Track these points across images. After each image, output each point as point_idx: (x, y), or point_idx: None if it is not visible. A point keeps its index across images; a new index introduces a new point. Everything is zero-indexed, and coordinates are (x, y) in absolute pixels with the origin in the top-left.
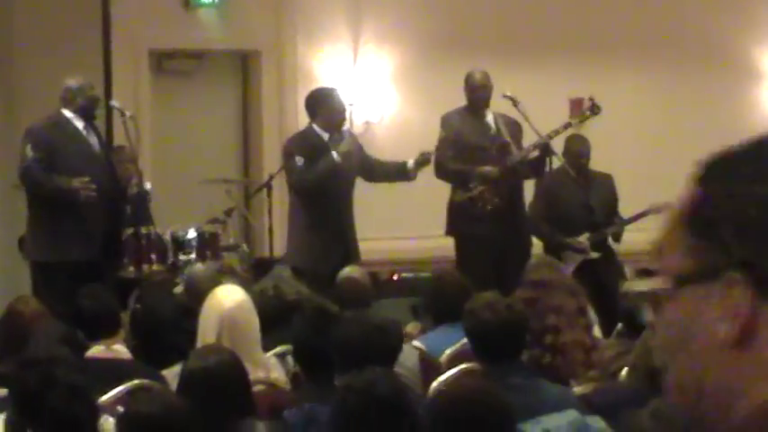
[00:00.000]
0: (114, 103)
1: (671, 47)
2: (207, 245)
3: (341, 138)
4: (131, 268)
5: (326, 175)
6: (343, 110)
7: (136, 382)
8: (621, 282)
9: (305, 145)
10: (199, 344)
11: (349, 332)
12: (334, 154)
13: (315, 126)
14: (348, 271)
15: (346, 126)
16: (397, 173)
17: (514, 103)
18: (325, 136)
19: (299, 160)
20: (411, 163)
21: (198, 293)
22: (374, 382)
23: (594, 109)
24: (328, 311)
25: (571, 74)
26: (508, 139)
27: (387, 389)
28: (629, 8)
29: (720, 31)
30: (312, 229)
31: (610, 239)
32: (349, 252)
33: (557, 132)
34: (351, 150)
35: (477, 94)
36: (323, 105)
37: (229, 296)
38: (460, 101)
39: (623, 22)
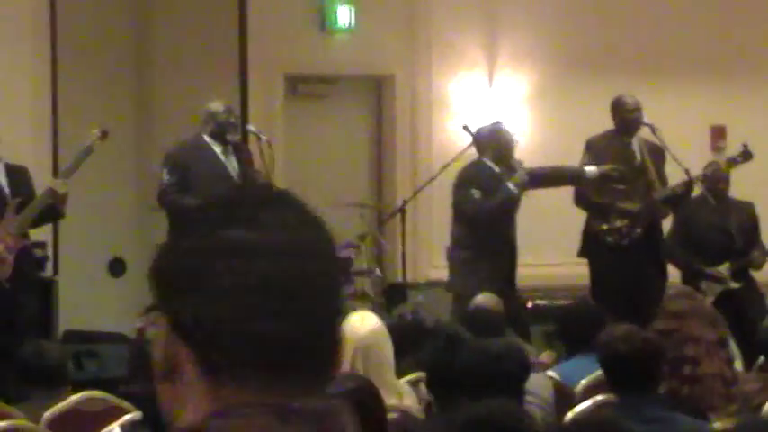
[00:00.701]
0: (251, 127)
1: None
2: (340, 269)
3: (513, 169)
4: None
5: (505, 206)
6: (513, 144)
7: None
8: (764, 313)
9: (479, 178)
10: None
11: (471, 360)
12: (510, 185)
13: (485, 160)
14: (481, 299)
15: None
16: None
17: (653, 130)
18: (497, 169)
19: (476, 192)
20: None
21: None
22: (497, 416)
23: (747, 156)
24: (461, 339)
25: (711, 99)
26: (651, 169)
27: (507, 421)
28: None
29: None
30: (478, 257)
31: (751, 269)
32: (512, 280)
33: (704, 176)
34: (523, 181)
35: (630, 117)
36: (493, 140)
37: (363, 323)
38: (598, 124)
39: (763, 43)
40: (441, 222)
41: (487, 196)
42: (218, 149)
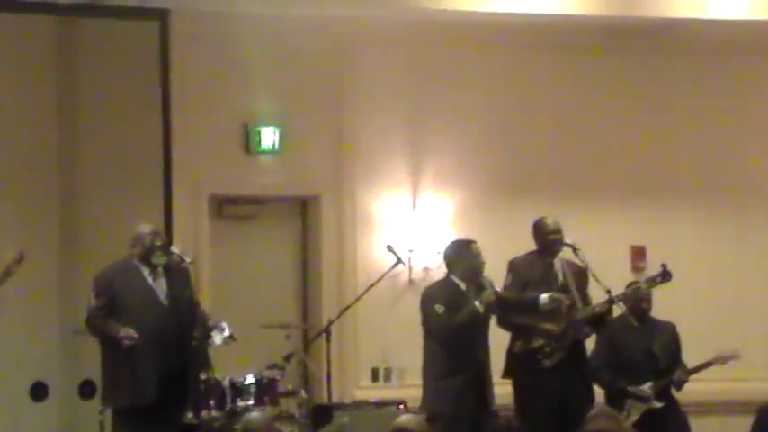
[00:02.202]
0: (174, 248)
1: (733, 193)
2: (265, 391)
3: (482, 287)
4: (189, 414)
5: (469, 322)
6: (481, 261)
7: None
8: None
9: (446, 294)
10: None
11: None
12: (476, 302)
13: (453, 277)
14: (403, 420)
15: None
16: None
17: (574, 250)
18: (463, 286)
19: (440, 308)
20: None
21: None
22: None
23: (666, 275)
24: None
25: (631, 219)
26: (573, 290)
27: None
28: (689, 154)
29: None
30: (450, 374)
31: (674, 389)
32: (485, 397)
33: (625, 295)
34: (490, 300)
35: (551, 239)
36: (462, 258)
37: None
38: (520, 244)
39: (684, 168)
40: (366, 343)
41: (452, 312)
42: (145, 272)
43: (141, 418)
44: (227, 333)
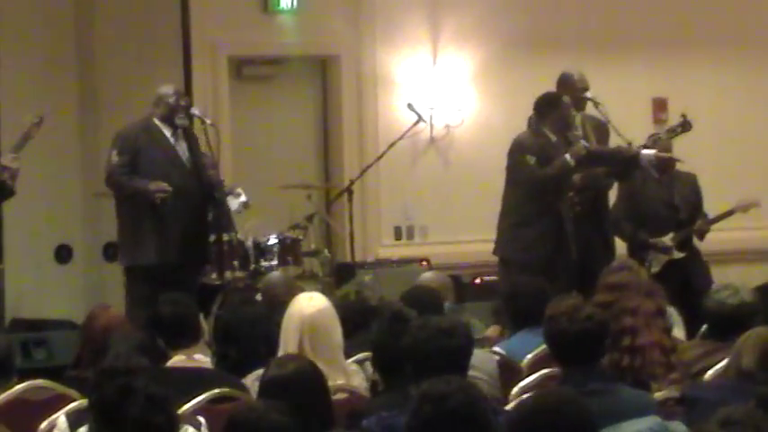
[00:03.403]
0: (195, 110)
1: (753, 42)
2: (288, 251)
3: (570, 142)
4: (214, 275)
5: (560, 175)
6: (573, 114)
7: (216, 391)
8: (708, 282)
9: (537, 145)
10: (281, 350)
11: (416, 338)
12: (568, 156)
13: (543, 129)
14: (425, 277)
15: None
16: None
17: (596, 104)
18: (553, 138)
19: (531, 159)
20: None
21: (275, 301)
22: (448, 393)
23: (686, 125)
24: (405, 317)
25: (653, 72)
26: (592, 142)
27: (461, 399)
28: (709, 3)
29: None
30: (526, 224)
31: (695, 239)
32: (562, 247)
33: (645, 147)
34: (581, 154)
35: (577, 93)
36: (553, 110)
37: (311, 303)
38: None
39: (704, 18)
40: (388, 201)
41: (542, 164)
42: (167, 133)
43: (161, 276)
44: (243, 199)
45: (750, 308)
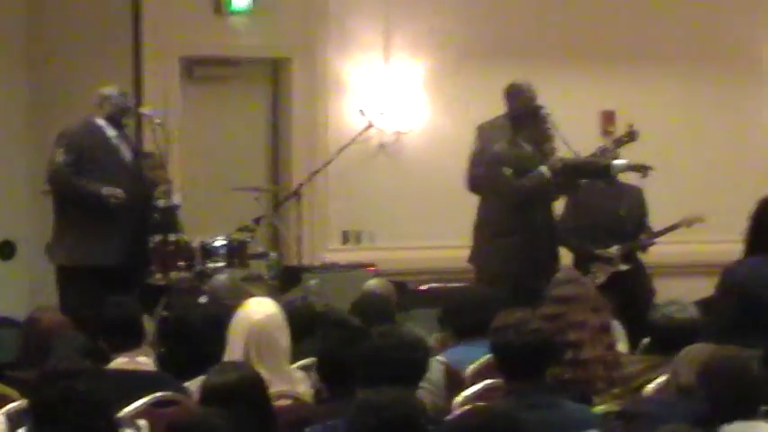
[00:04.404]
0: (144, 110)
1: (701, 56)
2: (235, 253)
3: (545, 153)
4: (159, 275)
5: (537, 187)
6: (549, 126)
7: (158, 394)
8: (651, 294)
9: (513, 157)
10: (227, 354)
11: (377, 348)
12: (544, 168)
13: (519, 140)
14: (372, 284)
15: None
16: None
17: (545, 115)
18: (529, 149)
19: (507, 171)
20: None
21: (221, 303)
22: (387, 403)
23: (632, 136)
24: (351, 326)
25: (601, 85)
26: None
27: (399, 410)
28: (658, 17)
29: (750, 39)
30: (504, 234)
31: (639, 252)
32: (539, 260)
33: (594, 156)
34: (557, 167)
35: (525, 103)
36: (530, 121)
37: (259, 309)
38: (492, 109)
39: (653, 31)
40: (336, 206)
41: (519, 176)
42: (111, 133)
43: (104, 277)
44: (175, 202)
45: (695, 324)
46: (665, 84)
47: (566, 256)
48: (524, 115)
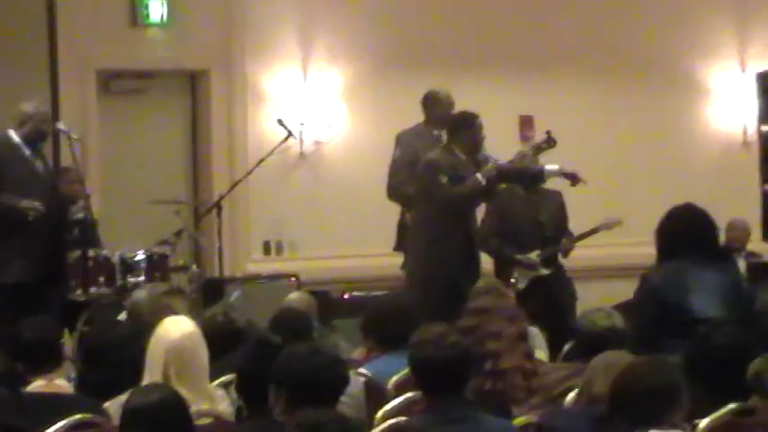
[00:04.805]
0: (61, 125)
1: (617, 62)
2: (156, 266)
3: (485, 159)
4: (79, 291)
5: (473, 194)
6: (483, 136)
7: (77, 417)
8: (572, 299)
9: (448, 164)
10: (146, 374)
11: (296, 365)
12: (479, 175)
13: (454, 147)
14: (291, 299)
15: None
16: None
17: None
18: (464, 157)
19: (444, 178)
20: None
21: (141, 321)
22: (323, 423)
23: (550, 142)
24: (270, 343)
25: (519, 90)
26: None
27: (334, 430)
28: (575, 24)
29: (665, 46)
30: (441, 240)
31: (560, 256)
32: (474, 262)
33: (512, 162)
34: (491, 174)
35: (444, 111)
36: (464, 130)
37: (177, 327)
38: (411, 118)
39: (570, 38)
40: (257, 217)
41: (454, 183)
42: (27, 150)
43: (22, 295)
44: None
45: (619, 333)
46: (581, 88)
47: (487, 262)
48: (459, 123)
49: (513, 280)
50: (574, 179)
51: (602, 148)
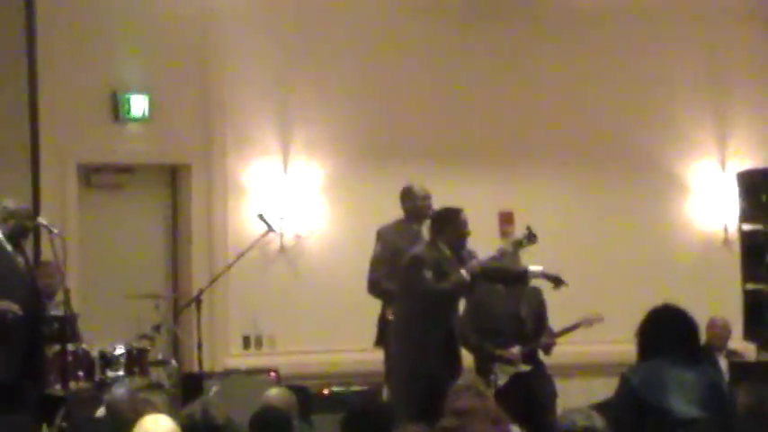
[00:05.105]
0: (42, 220)
1: (598, 159)
2: (135, 361)
3: (468, 256)
4: (58, 386)
5: (456, 290)
6: (468, 231)
7: None
8: (552, 396)
9: (432, 260)
10: None
11: None
12: (464, 272)
13: (439, 243)
14: (271, 396)
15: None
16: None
17: None
18: (448, 253)
19: (428, 273)
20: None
21: (119, 418)
22: None
23: (531, 238)
24: None
25: (499, 186)
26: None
27: None
28: (555, 120)
29: (645, 144)
30: (425, 334)
31: (541, 353)
32: (455, 358)
33: (493, 259)
34: (475, 271)
35: (419, 205)
36: (449, 225)
37: (156, 426)
38: (390, 212)
39: (549, 135)
40: (237, 311)
41: (438, 279)
42: (8, 246)
43: (2, 391)
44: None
45: None
46: (562, 184)
47: (467, 357)
48: (443, 219)
49: (493, 376)
50: (556, 282)
51: (582, 244)
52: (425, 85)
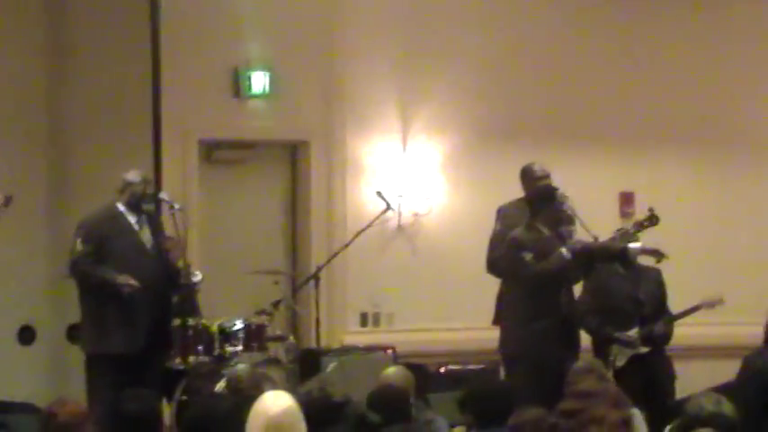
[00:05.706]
0: (163, 195)
1: (721, 138)
2: (253, 336)
3: (562, 236)
4: (178, 359)
5: (559, 270)
6: (564, 210)
7: None
8: (671, 378)
9: (531, 241)
10: None
11: None
12: (564, 250)
13: (537, 223)
14: (390, 374)
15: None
16: None
17: (563, 198)
18: (547, 232)
19: (528, 255)
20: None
21: (241, 394)
22: None
23: (653, 219)
24: (371, 423)
25: (620, 166)
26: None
27: None
28: (678, 101)
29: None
30: (534, 318)
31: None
32: (570, 340)
33: (614, 240)
34: (575, 249)
35: (539, 185)
36: (547, 204)
37: (276, 402)
38: (509, 191)
39: (671, 114)
40: (355, 288)
41: (539, 260)
42: (132, 219)
43: (127, 364)
44: (195, 279)
45: (727, 421)
46: (683, 165)
47: (585, 339)
48: (540, 198)
49: (611, 358)
50: (657, 255)
51: (704, 226)
52: (547, 65)
